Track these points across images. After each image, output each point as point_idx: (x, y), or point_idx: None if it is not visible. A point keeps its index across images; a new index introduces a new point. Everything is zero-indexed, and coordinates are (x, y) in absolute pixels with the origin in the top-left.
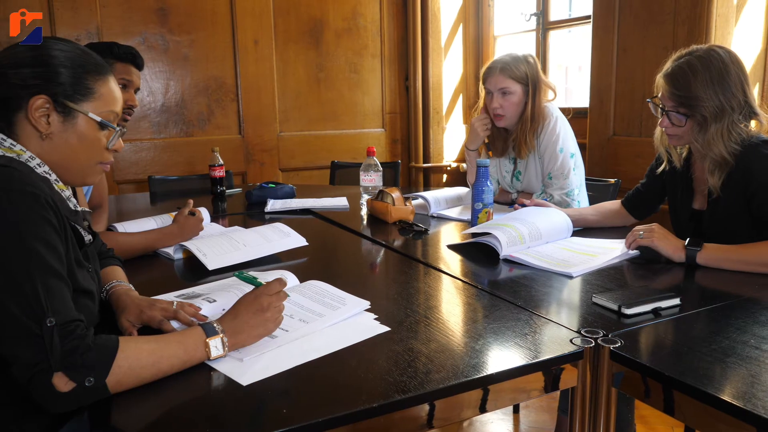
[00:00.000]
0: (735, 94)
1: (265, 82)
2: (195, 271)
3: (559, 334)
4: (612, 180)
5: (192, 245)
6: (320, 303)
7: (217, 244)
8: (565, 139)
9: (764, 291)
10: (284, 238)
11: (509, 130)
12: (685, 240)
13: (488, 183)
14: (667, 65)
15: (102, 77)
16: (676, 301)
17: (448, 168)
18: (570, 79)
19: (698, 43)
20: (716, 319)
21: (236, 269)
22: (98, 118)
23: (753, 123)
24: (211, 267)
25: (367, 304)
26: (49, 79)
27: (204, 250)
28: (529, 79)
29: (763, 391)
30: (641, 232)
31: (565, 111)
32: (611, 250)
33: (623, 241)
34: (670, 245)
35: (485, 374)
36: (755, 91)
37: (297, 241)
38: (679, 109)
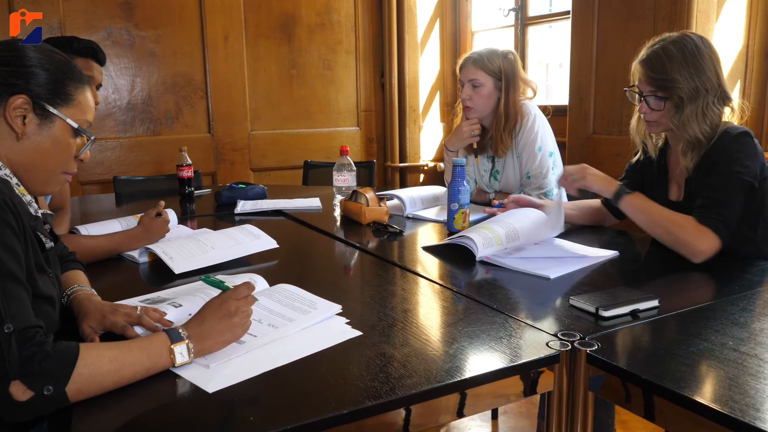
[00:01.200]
0: (709, 76)
1: (235, 79)
2: (161, 275)
3: (535, 337)
4: None
5: (158, 248)
6: (290, 307)
7: (184, 246)
8: (543, 138)
9: (744, 292)
10: (254, 240)
11: (486, 129)
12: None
13: (465, 183)
14: (642, 52)
15: (81, 85)
16: (655, 302)
17: (425, 168)
18: (551, 76)
19: None
20: (695, 321)
21: (204, 273)
22: (75, 125)
23: (727, 110)
24: (177, 270)
25: (338, 308)
26: (30, 81)
27: (170, 253)
28: (502, 73)
29: (740, 394)
30: (574, 176)
31: (544, 109)
32: (590, 253)
33: (602, 251)
34: (603, 181)
35: (459, 379)
36: (736, 88)
37: (267, 243)
38: (657, 93)
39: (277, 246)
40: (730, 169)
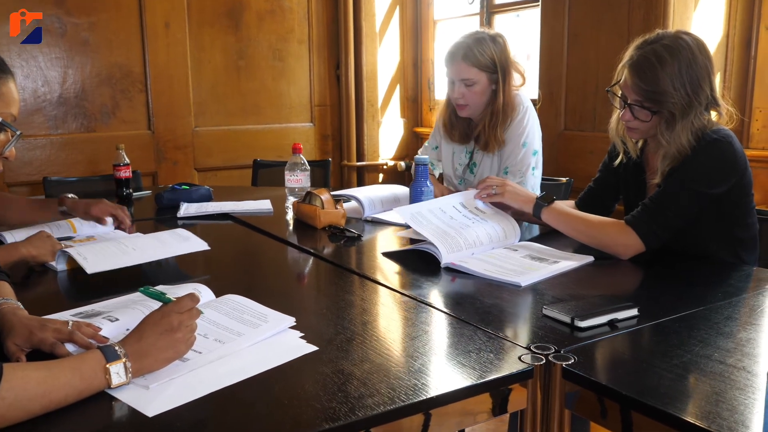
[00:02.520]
0: (703, 87)
1: (177, 71)
2: (93, 285)
3: (506, 350)
4: (563, 179)
5: (73, 249)
6: (238, 320)
7: (103, 248)
8: (531, 133)
9: (728, 299)
10: (182, 242)
11: (475, 121)
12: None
13: (428, 183)
14: (632, 53)
15: (3, 75)
16: (634, 311)
17: (385, 167)
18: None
19: (655, 28)
20: (677, 331)
21: (121, 273)
22: None
23: (713, 114)
24: (90, 270)
25: (292, 320)
26: None
27: (85, 254)
28: (497, 64)
29: (728, 410)
30: (494, 188)
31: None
32: (563, 259)
33: (576, 256)
34: (520, 198)
35: (425, 397)
36: (716, 80)
37: (197, 245)
38: (645, 104)
39: (208, 248)
40: (684, 178)
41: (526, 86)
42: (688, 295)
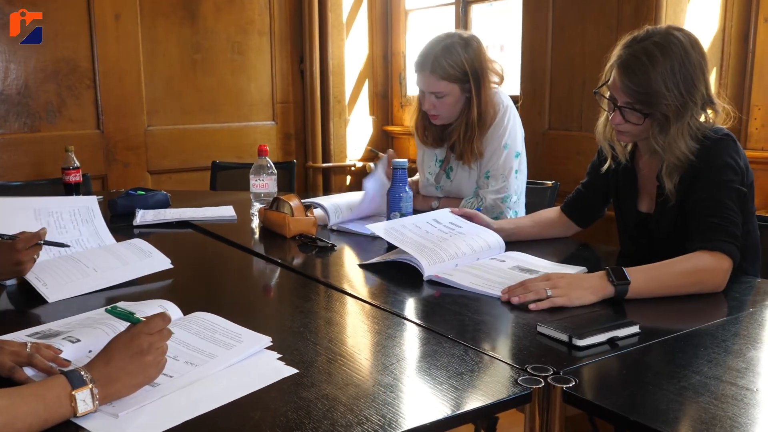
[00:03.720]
0: (697, 86)
1: (129, 65)
2: (44, 300)
3: (501, 372)
4: (549, 182)
5: (31, 274)
6: (210, 340)
7: (61, 269)
8: (512, 134)
9: (733, 314)
10: (144, 258)
11: (451, 125)
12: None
13: (406, 189)
14: (620, 52)
15: None
16: (635, 328)
17: (353, 168)
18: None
19: (647, 21)
20: (683, 350)
21: (84, 300)
22: None
23: (710, 112)
24: (52, 299)
25: (268, 340)
26: None
27: (44, 278)
28: (469, 73)
29: None
30: (549, 291)
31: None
32: (554, 269)
33: (566, 267)
34: (590, 288)
35: (420, 424)
36: (711, 78)
37: (160, 262)
38: (636, 106)
39: (171, 266)
40: (720, 179)
41: (507, 82)
42: (691, 310)
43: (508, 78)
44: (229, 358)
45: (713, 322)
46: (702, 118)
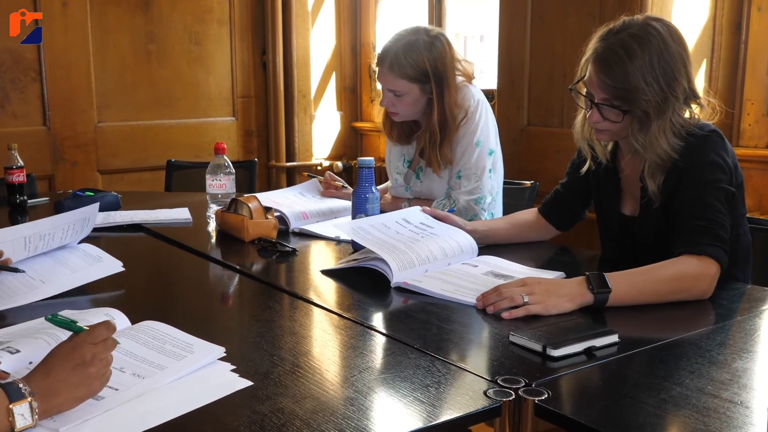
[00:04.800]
0: (679, 79)
1: (77, 57)
2: None
3: (470, 384)
4: (527, 182)
5: None
6: (160, 351)
7: (5, 284)
8: (485, 131)
9: (720, 322)
10: (94, 264)
11: (419, 122)
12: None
13: (373, 189)
14: (595, 45)
15: None
16: (614, 338)
17: (319, 167)
18: (470, 52)
19: (632, 9)
20: (664, 360)
21: (28, 309)
22: None
23: (695, 108)
24: None
25: (221, 350)
26: None
27: None
28: (430, 75)
29: None
30: (525, 296)
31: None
32: (530, 274)
33: (543, 272)
34: (567, 295)
35: None
36: (701, 71)
37: (110, 266)
38: (614, 102)
39: (123, 269)
40: (706, 178)
41: (485, 76)
42: (675, 318)
43: (488, 71)
44: (179, 370)
45: (698, 331)
46: (687, 114)
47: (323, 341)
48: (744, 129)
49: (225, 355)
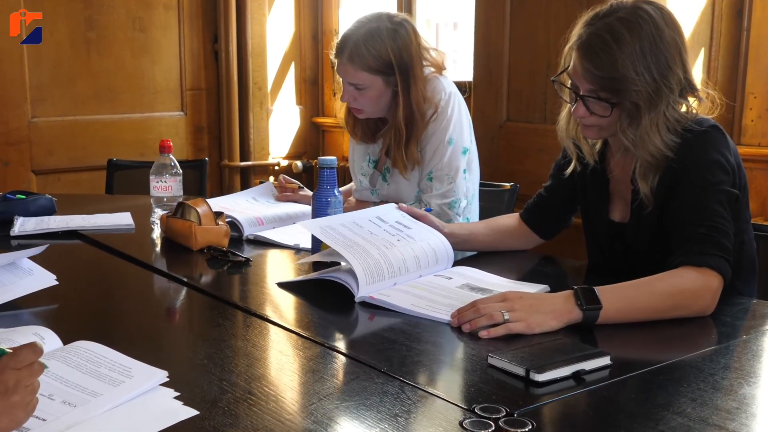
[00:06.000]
0: (673, 68)
1: (8, 46)
2: None
3: (443, 413)
4: (507, 185)
5: None
6: (94, 376)
7: None
8: (457, 127)
9: (724, 342)
10: (24, 277)
11: (384, 118)
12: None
13: (335, 192)
14: (580, 31)
15: None
16: (606, 360)
17: (277, 167)
18: (442, 41)
19: None
20: (662, 386)
21: None
22: None
23: (692, 101)
24: None
25: (163, 375)
26: None
27: None
28: (395, 65)
29: None
30: (505, 313)
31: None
32: (511, 288)
33: (525, 285)
34: (552, 311)
35: None
36: (698, 60)
37: (42, 280)
38: (601, 94)
39: (56, 282)
40: (706, 179)
41: (461, 67)
42: (673, 337)
43: (462, 62)
44: (115, 397)
45: (699, 352)
46: (683, 108)
47: (279, 364)
48: (746, 125)
49: (168, 380)
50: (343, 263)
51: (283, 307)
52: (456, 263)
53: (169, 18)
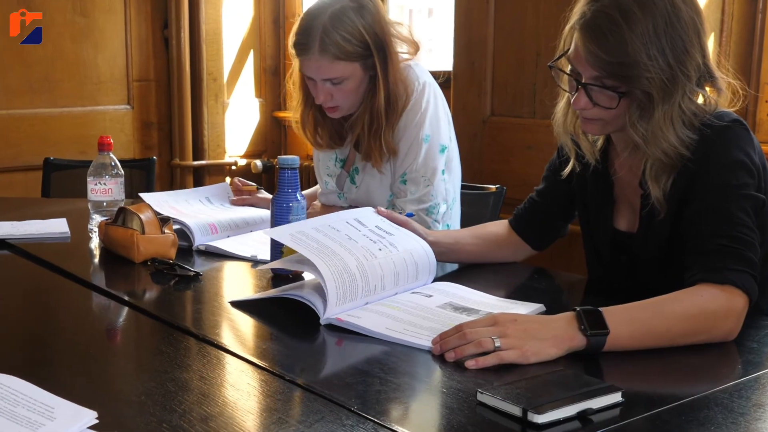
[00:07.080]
0: (691, 53)
1: None
2: None
3: None
4: (492, 187)
5: None
6: (10, 417)
7: None
8: (434, 122)
9: (751, 372)
10: None
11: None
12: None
13: (297, 196)
14: (584, 8)
15: None
16: (617, 396)
17: (234, 167)
18: (416, 28)
19: None
20: (682, 427)
21: None
22: None
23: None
24: None
25: (92, 416)
26: None
27: None
28: (371, 44)
29: None
30: (496, 340)
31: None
32: (500, 308)
33: (518, 304)
34: (553, 337)
35: None
36: (709, 45)
37: None
38: (607, 82)
39: None
40: (728, 182)
41: (438, 56)
42: (692, 368)
43: (439, 51)
44: None
45: (724, 385)
46: (700, 99)
47: (231, 401)
48: (761, 119)
49: (97, 422)
50: (307, 276)
51: (237, 330)
52: (436, 279)
53: (114, 1)
